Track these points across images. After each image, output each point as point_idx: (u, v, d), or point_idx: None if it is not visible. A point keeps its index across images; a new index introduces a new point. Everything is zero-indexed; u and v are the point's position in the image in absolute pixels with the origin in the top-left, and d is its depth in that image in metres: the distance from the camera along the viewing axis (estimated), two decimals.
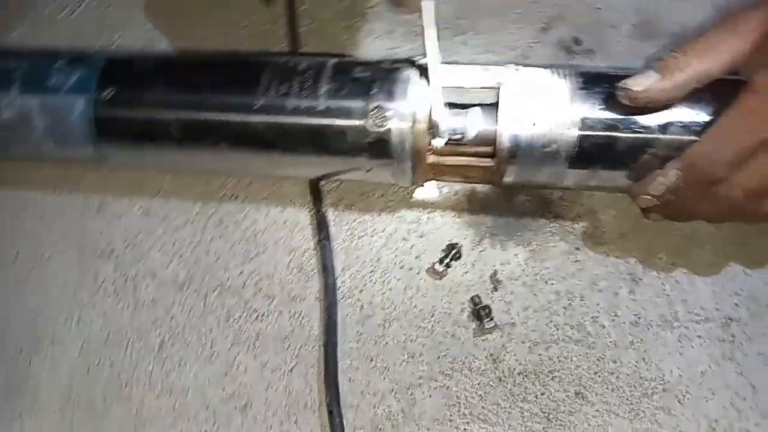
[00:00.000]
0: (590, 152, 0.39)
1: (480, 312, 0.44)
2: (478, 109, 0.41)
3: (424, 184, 0.45)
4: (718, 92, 0.37)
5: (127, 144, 0.44)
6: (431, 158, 0.42)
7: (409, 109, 0.40)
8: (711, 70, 0.35)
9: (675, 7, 0.51)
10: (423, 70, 0.41)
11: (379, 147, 0.40)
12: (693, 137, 0.37)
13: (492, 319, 0.43)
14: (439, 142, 0.41)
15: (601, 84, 0.38)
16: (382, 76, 0.40)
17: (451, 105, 0.42)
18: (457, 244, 0.46)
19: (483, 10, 0.53)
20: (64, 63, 0.44)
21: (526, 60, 0.51)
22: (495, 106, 0.42)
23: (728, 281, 0.44)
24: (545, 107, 0.39)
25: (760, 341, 0.42)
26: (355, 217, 0.48)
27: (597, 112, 0.38)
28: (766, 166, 0.34)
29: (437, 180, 0.47)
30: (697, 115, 0.37)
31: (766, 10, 0.35)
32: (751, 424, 0.41)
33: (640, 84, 0.36)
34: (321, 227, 0.47)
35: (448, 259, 0.45)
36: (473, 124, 0.41)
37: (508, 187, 0.44)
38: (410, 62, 0.42)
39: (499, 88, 0.40)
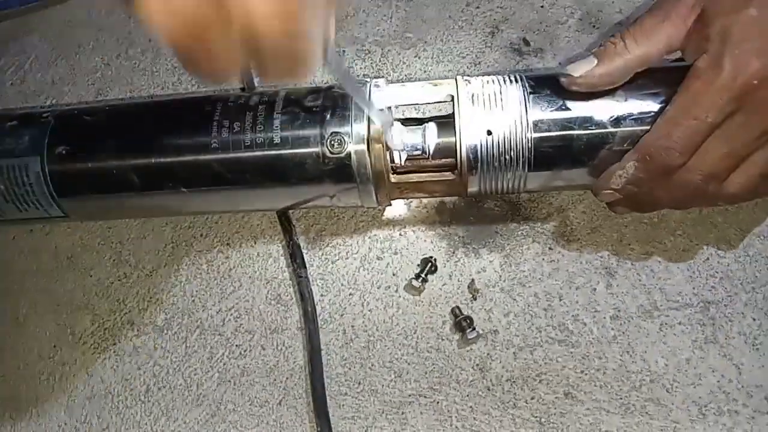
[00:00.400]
0: (548, 154, 0.39)
1: (462, 323, 0.44)
2: (433, 124, 0.41)
3: (391, 202, 0.45)
4: (666, 81, 0.37)
5: (87, 198, 0.44)
6: (394, 177, 0.41)
7: (365, 131, 0.39)
8: (648, 55, 0.36)
9: None
10: (374, 90, 0.41)
11: (340, 172, 0.40)
12: (647, 128, 0.37)
13: (474, 329, 0.43)
14: (400, 160, 0.41)
15: (550, 86, 0.39)
16: (334, 102, 0.40)
17: (407, 121, 0.42)
18: (431, 257, 0.46)
19: (429, 21, 0.53)
20: (13, 125, 0.44)
21: (478, 65, 0.51)
22: (450, 118, 0.42)
23: (702, 264, 0.44)
24: (499, 115, 0.39)
25: (740, 321, 0.42)
26: (327, 242, 0.48)
27: (549, 113, 0.38)
28: (719, 149, 0.35)
29: (403, 197, 0.47)
30: (648, 106, 0.37)
31: None
32: (739, 405, 0.41)
33: (580, 69, 0.37)
34: (294, 256, 0.47)
35: (424, 274, 0.45)
36: (431, 139, 0.41)
37: (474, 196, 0.44)
38: (361, 84, 0.42)
39: (452, 102, 0.40)
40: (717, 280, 0.43)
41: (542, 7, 0.52)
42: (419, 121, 0.43)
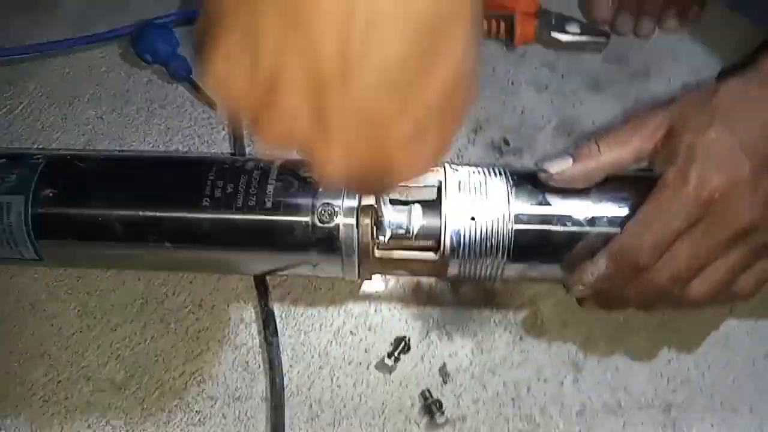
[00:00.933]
0: (526, 246, 0.41)
1: (431, 407, 0.43)
2: (419, 206, 0.43)
3: (371, 277, 0.45)
4: (639, 188, 0.40)
5: (66, 243, 0.43)
6: (378, 253, 0.43)
7: (355, 206, 0.41)
8: (619, 161, 0.39)
9: (590, 109, 0.56)
10: None
11: (327, 242, 0.41)
12: (618, 229, 0.39)
13: (443, 413, 0.43)
14: (384, 237, 0.42)
15: (532, 182, 0.41)
16: None
17: (393, 201, 0.44)
18: (405, 336, 0.46)
19: None
20: (2, 163, 0.44)
21: (461, 158, 0.54)
22: (435, 202, 0.44)
23: (664, 366, 0.45)
24: (482, 204, 0.41)
25: (698, 425, 0.44)
26: (302, 312, 0.48)
27: (530, 207, 0.41)
28: (684, 253, 0.37)
29: (384, 273, 0.47)
30: (621, 209, 0.40)
31: (666, 112, 0.39)
32: None
33: (556, 167, 0.40)
34: (267, 323, 0.47)
35: (396, 353, 0.45)
36: (416, 220, 0.42)
37: (452, 279, 0.45)
38: None
39: (439, 187, 0.43)
40: (678, 383, 0.45)
41: (522, 112, 0.56)
42: (404, 203, 0.44)
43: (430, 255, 0.42)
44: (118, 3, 0.64)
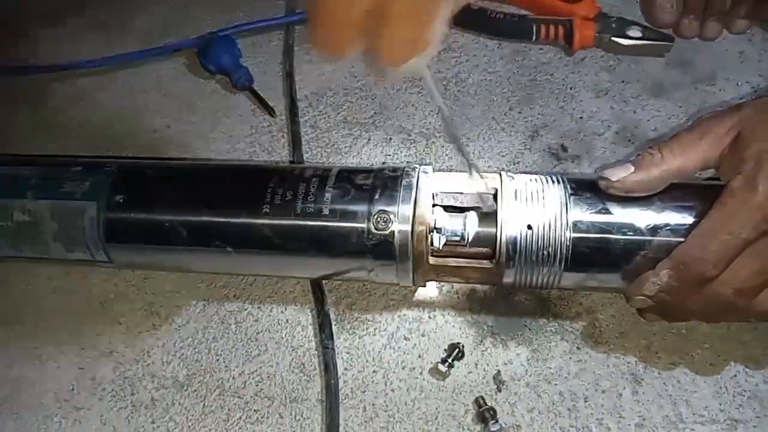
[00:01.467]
0: (584, 255, 0.40)
1: (485, 414, 0.43)
2: (473, 213, 0.43)
3: (425, 284, 0.46)
4: (703, 197, 0.39)
5: (135, 247, 0.45)
6: (432, 260, 0.43)
7: (410, 213, 0.41)
8: (683, 168, 0.38)
9: (652, 115, 0.55)
10: (422, 176, 0.43)
11: (382, 249, 0.42)
12: (681, 239, 0.38)
13: (497, 421, 0.43)
14: (438, 244, 0.42)
15: (591, 190, 0.41)
16: (383, 182, 0.43)
17: (449, 208, 0.44)
18: (459, 343, 0.46)
19: (474, 120, 0.56)
20: (77, 170, 0.47)
21: (517, 164, 0.54)
22: (491, 210, 0.44)
23: (729, 381, 0.44)
24: (540, 212, 0.40)
25: None
26: (356, 317, 0.49)
27: (588, 215, 0.40)
28: (750, 265, 0.36)
29: (438, 280, 0.48)
30: (684, 218, 0.39)
31: (735, 117, 0.38)
32: None
33: (616, 174, 0.39)
34: (323, 326, 0.48)
35: (450, 359, 0.45)
36: (471, 226, 0.42)
37: (507, 287, 0.45)
38: (410, 169, 0.44)
39: (495, 194, 0.42)
40: (745, 399, 0.43)
41: (581, 117, 0.56)
42: (459, 210, 0.45)
43: (485, 263, 0.42)
44: (184, 18, 0.67)
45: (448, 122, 0.43)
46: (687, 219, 0.39)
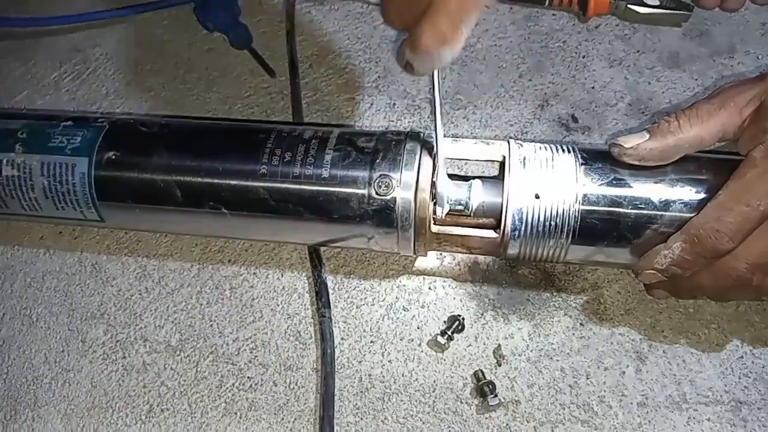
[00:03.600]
0: (593, 228, 0.39)
1: (484, 388, 0.42)
2: (479, 181, 0.41)
3: (426, 253, 0.44)
4: (720, 170, 0.37)
5: (127, 206, 0.44)
6: (434, 228, 0.41)
7: (413, 179, 0.40)
8: (700, 138, 0.37)
9: (667, 87, 0.53)
10: (426, 142, 0.42)
11: (383, 215, 0.40)
12: (694, 214, 0.37)
13: (496, 395, 0.42)
14: (441, 212, 0.41)
15: (602, 161, 0.39)
16: (386, 147, 0.41)
17: (453, 176, 0.43)
18: (459, 316, 0.45)
19: (481, 87, 0.54)
20: (68, 125, 0.45)
21: (525, 134, 0.52)
22: (495, 179, 0.42)
23: (735, 362, 0.43)
24: (548, 182, 0.39)
25: None
26: (355, 285, 0.47)
27: (599, 187, 0.38)
28: (767, 239, 0.35)
29: (440, 250, 0.46)
30: (697, 192, 0.38)
31: (757, 88, 0.36)
32: None
33: (630, 141, 0.37)
34: (320, 294, 0.47)
35: (450, 332, 0.44)
36: (476, 195, 0.41)
37: (511, 259, 0.44)
38: (414, 134, 0.42)
39: (503, 162, 0.41)
40: (750, 381, 0.42)
41: (593, 87, 0.54)
42: (464, 178, 0.43)
43: (489, 233, 0.41)
44: None
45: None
46: (701, 193, 0.37)
